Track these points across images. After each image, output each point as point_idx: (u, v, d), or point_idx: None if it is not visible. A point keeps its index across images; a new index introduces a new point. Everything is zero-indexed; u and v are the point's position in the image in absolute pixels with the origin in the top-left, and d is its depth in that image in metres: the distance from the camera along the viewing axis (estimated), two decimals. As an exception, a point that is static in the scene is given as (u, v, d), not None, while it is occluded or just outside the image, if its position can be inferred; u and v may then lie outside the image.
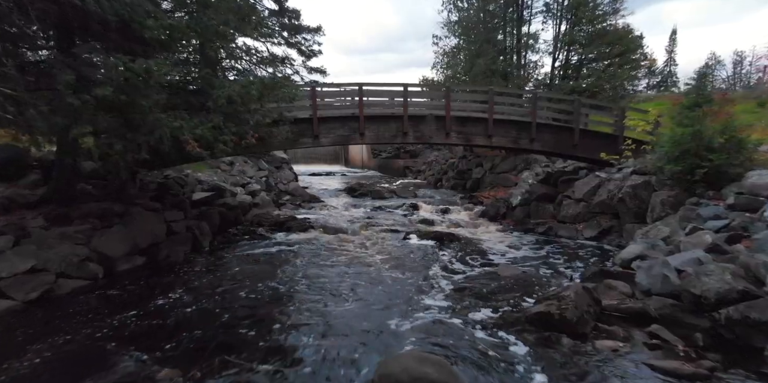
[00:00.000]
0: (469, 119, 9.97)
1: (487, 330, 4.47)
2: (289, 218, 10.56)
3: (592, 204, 9.08)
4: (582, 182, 9.60)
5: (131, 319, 4.75)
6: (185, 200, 8.94)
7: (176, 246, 7.52)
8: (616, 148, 9.48)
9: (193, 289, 5.86)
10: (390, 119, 9.82)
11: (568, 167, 11.46)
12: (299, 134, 9.23)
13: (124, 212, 6.90)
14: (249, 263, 7.24)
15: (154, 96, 5.44)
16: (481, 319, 4.77)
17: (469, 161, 18.08)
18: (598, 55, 14.32)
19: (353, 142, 9.64)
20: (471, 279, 6.33)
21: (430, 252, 8.00)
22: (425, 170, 24.17)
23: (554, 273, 6.54)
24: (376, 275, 6.47)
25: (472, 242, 8.94)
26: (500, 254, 7.88)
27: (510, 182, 14.39)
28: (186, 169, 10.48)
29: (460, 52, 17.50)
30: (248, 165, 13.88)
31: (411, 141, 9.93)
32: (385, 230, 9.97)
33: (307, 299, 5.42)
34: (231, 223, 9.83)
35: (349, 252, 7.95)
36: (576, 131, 9.74)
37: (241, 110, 6.65)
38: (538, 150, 9.95)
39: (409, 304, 5.22)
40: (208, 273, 6.67)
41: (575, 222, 9.34)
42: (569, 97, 11.10)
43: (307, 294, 5.61)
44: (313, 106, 9.06)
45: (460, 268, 6.94)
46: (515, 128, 9.90)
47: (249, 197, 11.16)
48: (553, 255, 7.68)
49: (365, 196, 15.50)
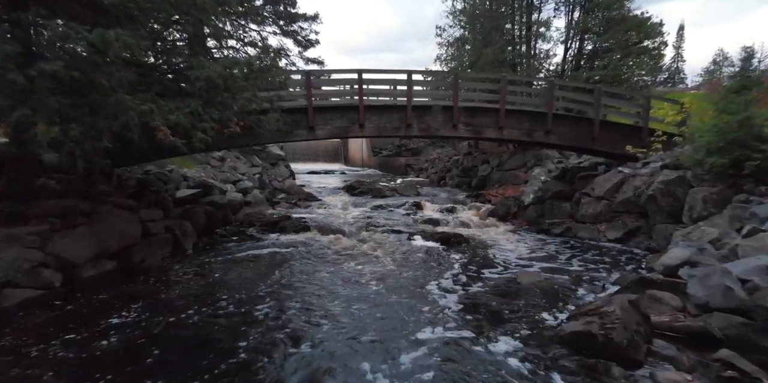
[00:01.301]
0: (479, 109, 9.15)
1: (512, 356, 3.65)
2: (282, 218, 9.75)
3: (614, 203, 8.25)
4: (603, 178, 8.77)
5: (85, 340, 3.93)
6: (167, 197, 8.13)
7: (153, 249, 6.71)
8: (640, 141, 8.66)
9: (166, 301, 5.04)
10: (392, 110, 9.00)
11: (584, 163, 10.63)
12: (293, 125, 8.40)
13: (91, 211, 6.07)
14: (235, 268, 6.42)
15: (117, 74, 4.63)
16: (503, 340, 3.94)
17: (474, 157, 17.24)
18: (615, 44, 13.42)
19: (352, 134, 8.82)
20: (486, 288, 5.51)
21: (437, 255, 7.18)
22: (428, 167, 23.34)
23: (581, 280, 5.71)
24: (378, 283, 5.65)
25: (482, 244, 8.12)
26: (515, 258, 7.05)
27: (519, 180, 13.57)
28: (170, 164, 9.66)
29: (465, 43, 16.64)
30: (240, 161, 13.06)
31: (415, 134, 9.11)
32: (387, 231, 9.15)
33: (297, 315, 4.59)
34: (219, 223, 9.01)
35: (348, 256, 7.14)
36: (596, 123, 8.91)
37: (223, 94, 5.83)
38: (553, 144, 9.13)
39: (416, 321, 4.39)
40: (187, 281, 5.86)
41: (596, 222, 8.51)
42: (589, 85, 10.27)
43: (298, 309, 4.78)
44: (308, 94, 8.24)
45: (472, 274, 6.12)
46: (529, 120, 9.08)
47: (240, 195, 10.35)
48: (576, 259, 6.86)
49: (365, 194, 14.67)
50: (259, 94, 6.65)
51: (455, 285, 5.61)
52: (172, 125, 5.30)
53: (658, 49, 14.27)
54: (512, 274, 6.06)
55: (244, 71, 5.92)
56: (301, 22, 13.78)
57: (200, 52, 6.01)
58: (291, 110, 8.28)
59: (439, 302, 4.96)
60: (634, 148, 8.11)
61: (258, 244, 8.05)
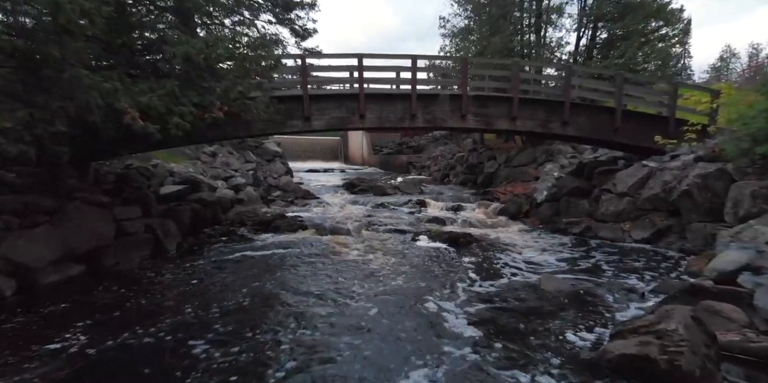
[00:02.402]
0: (490, 98, 8.42)
1: (552, 385, 2.93)
2: (277, 217, 9.02)
3: (640, 199, 7.52)
4: (625, 173, 8.04)
5: (32, 363, 3.21)
6: (149, 194, 7.41)
7: (129, 250, 6.00)
8: (666, 132, 7.93)
9: (136, 312, 4.33)
10: (395, 99, 8.27)
11: (601, 157, 9.91)
12: (287, 116, 7.68)
13: (56, 208, 5.36)
14: (221, 272, 5.71)
15: (72, 45, 3.91)
16: (536, 362, 3.23)
17: (480, 154, 16.50)
18: (632, 31, 12.62)
19: (352, 125, 8.11)
20: (506, 296, 4.78)
21: (445, 258, 6.47)
22: (430, 165, 22.61)
23: (613, 287, 4.99)
24: (381, 291, 4.93)
25: (494, 244, 7.40)
26: (533, 261, 6.33)
27: (529, 176, 12.85)
28: (155, 158, 8.95)
29: (470, 33, 15.88)
30: (233, 157, 12.35)
31: (420, 125, 8.39)
32: (390, 231, 8.44)
33: (287, 332, 3.87)
34: (207, 222, 8.29)
35: (347, 259, 6.42)
36: (618, 113, 8.17)
37: (204, 75, 5.11)
38: (570, 136, 8.41)
39: (427, 339, 3.68)
40: (165, 287, 5.15)
41: (618, 221, 7.79)
42: (610, 71, 9.53)
43: (289, 323, 4.06)
44: (303, 80, 7.52)
45: (487, 280, 5.40)
46: (544, 109, 8.35)
47: (231, 192, 9.63)
48: (602, 262, 6.14)
49: (366, 192, 13.94)
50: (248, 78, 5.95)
51: (469, 293, 4.89)
52: (144, 109, 4.59)
53: (679, 36, 13.52)
54: (533, 279, 5.35)
55: (229, 49, 5.20)
56: (298, 10, 13.05)
57: (179, 27, 5.30)
58: (284, 98, 7.56)
59: (451, 314, 4.24)
60: (663, 138, 7.37)
61: (249, 245, 7.34)
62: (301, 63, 7.60)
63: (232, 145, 14.60)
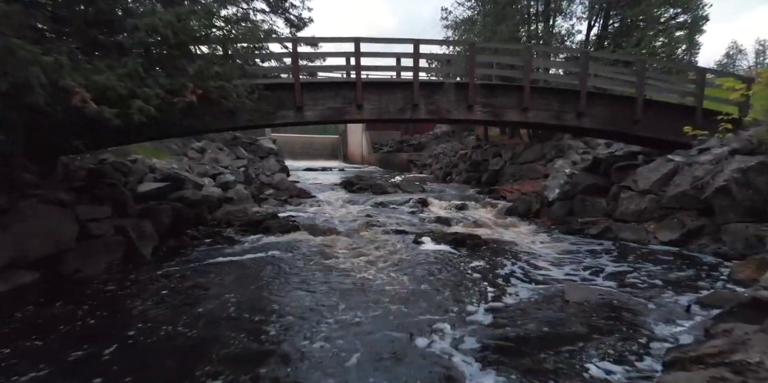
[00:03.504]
0: (499, 87, 7.72)
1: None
2: (267, 217, 8.34)
3: (665, 197, 6.84)
4: (647, 168, 7.35)
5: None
6: (124, 192, 6.72)
7: (95, 255, 5.31)
8: (692, 123, 7.23)
9: (92, 328, 3.66)
10: (396, 88, 7.58)
11: (618, 152, 9.21)
12: (277, 105, 7.00)
13: (6, 207, 4.67)
14: (200, 279, 5.03)
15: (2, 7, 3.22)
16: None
17: (484, 150, 15.80)
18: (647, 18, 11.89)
19: (348, 116, 7.41)
20: (525, 308, 4.10)
21: (452, 263, 5.78)
22: (431, 163, 21.92)
23: (649, 298, 4.29)
24: (380, 302, 4.24)
25: (505, 247, 6.72)
26: (551, 266, 5.64)
27: (537, 174, 12.15)
28: (134, 153, 8.26)
29: (474, 24, 15.16)
30: (224, 153, 11.67)
31: (423, 117, 7.70)
32: (390, 232, 7.75)
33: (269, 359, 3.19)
34: (190, 222, 7.60)
35: (343, 263, 5.73)
36: (638, 102, 7.47)
37: (175, 52, 4.42)
38: (586, 128, 7.71)
39: (431, 365, 2.99)
40: (130, 297, 4.47)
41: (640, 221, 7.10)
42: (631, 57, 8.82)
43: (272, 345, 3.38)
44: (293, 66, 6.83)
45: (502, 288, 4.71)
46: (558, 99, 7.65)
47: (219, 190, 8.94)
48: (629, 268, 5.44)
49: (365, 191, 13.25)
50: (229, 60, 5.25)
51: (482, 304, 4.20)
52: (101, 90, 3.90)
53: (698, 23, 12.78)
54: (555, 289, 4.65)
55: (204, 23, 4.51)
56: (293, -3, 12.37)
57: None
58: (274, 86, 6.86)
59: (462, 330, 3.55)
60: (694, 129, 6.67)
61: (234, 248, 6.66)
62: (292, 48, 6.91)
63: (225, 141, 13.93)
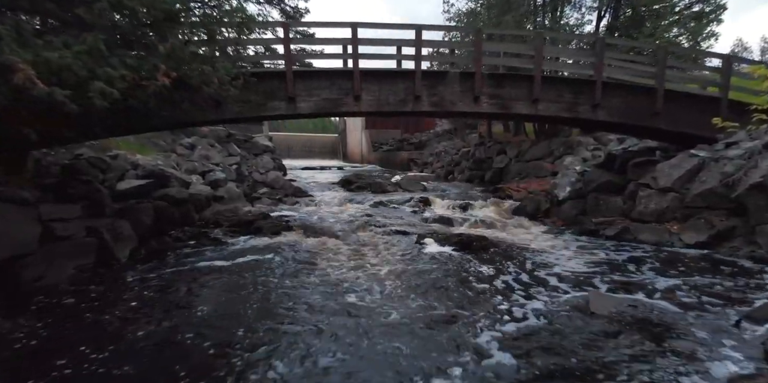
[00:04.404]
0: (507, 77, 7.17)
1: None
2: (259, 217, 7.81)
3: (688, 195, 6.30)
4: (668, 164, 6.80)
5: None
6: (100, 190, 6.17)
7: (61, 259, 4.75)
8: (717, 115, 6.68)
9: (44, 347, 3.11)
10: (397, 77, 7.03)
11: (633, 148, 8.65)
12: (267, 96, 6.46)
13: (-45, 206, 4.13)
14: (179, 286, 4.49)
15: None
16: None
17: (488, 148, 15.25)
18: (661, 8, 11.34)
19: (345, 108, 6.86)
20: (544, 321, 3.56)
21: (458, 268, 5.23)
22: (432, 162, 21.38)
23: (686, 308, 3.75)
24: (380, 313, 3.70)
25: (515, 250, 6.17)
26: (569, 271, 5.09)
27: (544, 171, 11.60)
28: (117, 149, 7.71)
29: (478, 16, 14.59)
30: (215, 150, 11.11)
31: (425, 109, 7.15)
32: (390, 233, 7.22)
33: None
34: (175, 223, 7.06)
35: (339, 267, 5.19)
36: (659, 93, 6.92)
37: (143, 28, 3.87)
38: (601, 121, 7.15)
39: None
40: (97, 307, 3.94)
41: (661, 221, 6.56)
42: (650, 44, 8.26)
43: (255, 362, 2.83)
44: (285, 52, 6.28)
45: (516, 296, 4.17)
46: (571, 90, 7.10)
47: (208, 188, 8.39)
48: (656, 274, 4.89)
49: (363, 190, 12.71)
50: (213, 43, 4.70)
51: (495, 316, 3.66)
52: (54, 69, 3.35)
53: (716, 13, 12.24)
54: (577, 299, 4.10)
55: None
56: (288, -14, 11.84)
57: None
58: (264, 75, 6.33)
59: (474, 351, 3.00)
60: (723, 121, 6.12)
61: (220, 250, 6.12)
62: (283, 33, 6.36)
63: (218, 138, 13.38)
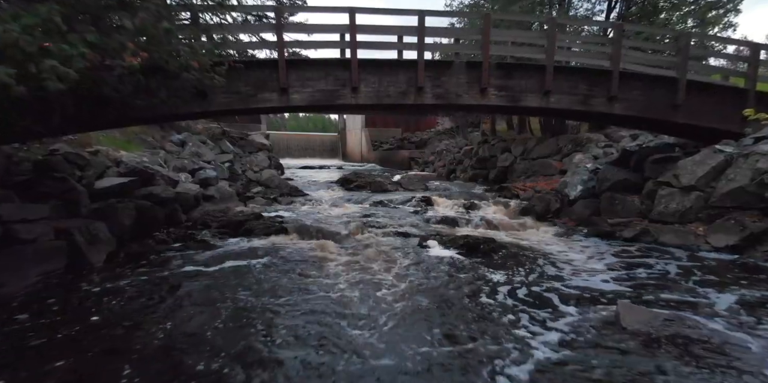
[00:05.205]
0: (517, 67, 6.67)
1: None
2: (250, 217, 7.31)
3: (715, 194, 5.81)
4: (691, 161, 6.30)
5: None
6: (76, 188, 5.68)
7: (23, 265, 4.27)
8: (743, 108, 6.19)
9: None
10: (397, 67, 6.53)
11: (649, 143, 8.15)
12: (258, 86, 5.97)
13: None
14: (153, 296, 4.00)
15: None
16: None
17: (492, 146, 14.76)
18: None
19: (342, 100, 6.36)
20: (568, 338, 3.06)
21: (465, 272, 4.73)
22: (434, 160, 20.89)
23: (733, 325, 3.25)
24: (380, 326, 3.20)
25: (527, 254, 5.67)
26: (588, 278, 4.59)
27: (552, 170, 11.11)
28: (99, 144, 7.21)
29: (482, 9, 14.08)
30: (207, 147, 10.61)
31: (428, 102, 6.65)
32: (390, 234, 6.73)
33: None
34: (159, 223, 6.58)
35: (334, 277, 4.68)
36: (681, 84, 6.42)
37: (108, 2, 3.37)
38: (618, 115, 6.65)
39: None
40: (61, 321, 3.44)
41: (684, 222, 6.07)
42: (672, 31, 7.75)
43: None
44: (278, 40, 5.79)
45: (534, 308, 3.66)
46: (585, 81, 6.60)
47: (197, 186, 7.88)
48: (685, 281, 4.39)
49: (363, 189, 12.21)
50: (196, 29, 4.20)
51: (517, 340, 3.15)
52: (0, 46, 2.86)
53: (733, 2, 11.72)
54: (603, 310, 3.61)
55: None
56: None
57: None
58: (254, 64, 5.85)
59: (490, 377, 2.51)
60: (757, 113, 5.62)
61: (207, 254, 5.62)
62: (275, 18, 5.86)
63: (212, 136, 12.88)
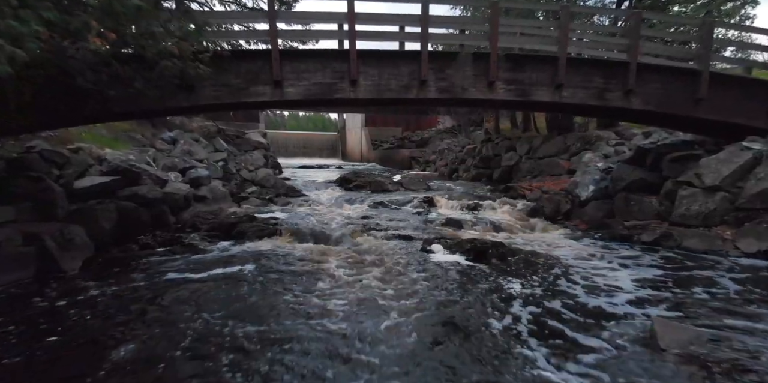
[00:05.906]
0: (528, 59, 6.23)
1: None
2: (243, 219, 6.88)
3: (743, 195, 5.38)
4: (716, 159, 5.88)
5: None
6: (52, 188, 5.25)
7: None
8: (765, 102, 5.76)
9: None
10: (399, 59, 6.10)
11: (666, 141, 7.71)
12: (250, 79, 5.54)
13: None
14: (130, 307, 3.58)
15: None
16: None
17: (496, 145, 14.32)
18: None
19: (340, 94, 5.93)
20: (603, 365, 2.63)
21: (476, 286, 4.29)
22: (435, 160, 20.45)
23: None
24: (381, 344, 2.77)
25: (540, 259, 5.23)
26: (613, 290, 4.16)
27: (559, 169, 10.68)
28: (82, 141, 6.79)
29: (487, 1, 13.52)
30: (199, 145, 10.18)
31: (432, 96, 6.23)
32: (391, 237, 6.31)
33: None
34: (145, 226, 6.14)
35: (329, 287, 4.24)
36: (703, 77, 5.99)
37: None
38: (635, 110, 6.21)
39: None
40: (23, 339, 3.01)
41: (708, 225, 5.64)
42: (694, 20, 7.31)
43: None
44: (271, 29, 5.36)
45: (560, 329, 3.22)
46: (600, 74, 6.16)
47: (187, 186, 7.45)
48: (723, 292, 3.97)
49: (362, 188, 11.78)
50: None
51: (531, 354, 2.73)
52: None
53: None
54: (635, 328, 3.18)
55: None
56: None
57: None
58: (245, 54, 5.42)
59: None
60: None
61: (194, 259, 5.20)
62: (268, 5, 5.43)
63: (206, 134, 12.45)
